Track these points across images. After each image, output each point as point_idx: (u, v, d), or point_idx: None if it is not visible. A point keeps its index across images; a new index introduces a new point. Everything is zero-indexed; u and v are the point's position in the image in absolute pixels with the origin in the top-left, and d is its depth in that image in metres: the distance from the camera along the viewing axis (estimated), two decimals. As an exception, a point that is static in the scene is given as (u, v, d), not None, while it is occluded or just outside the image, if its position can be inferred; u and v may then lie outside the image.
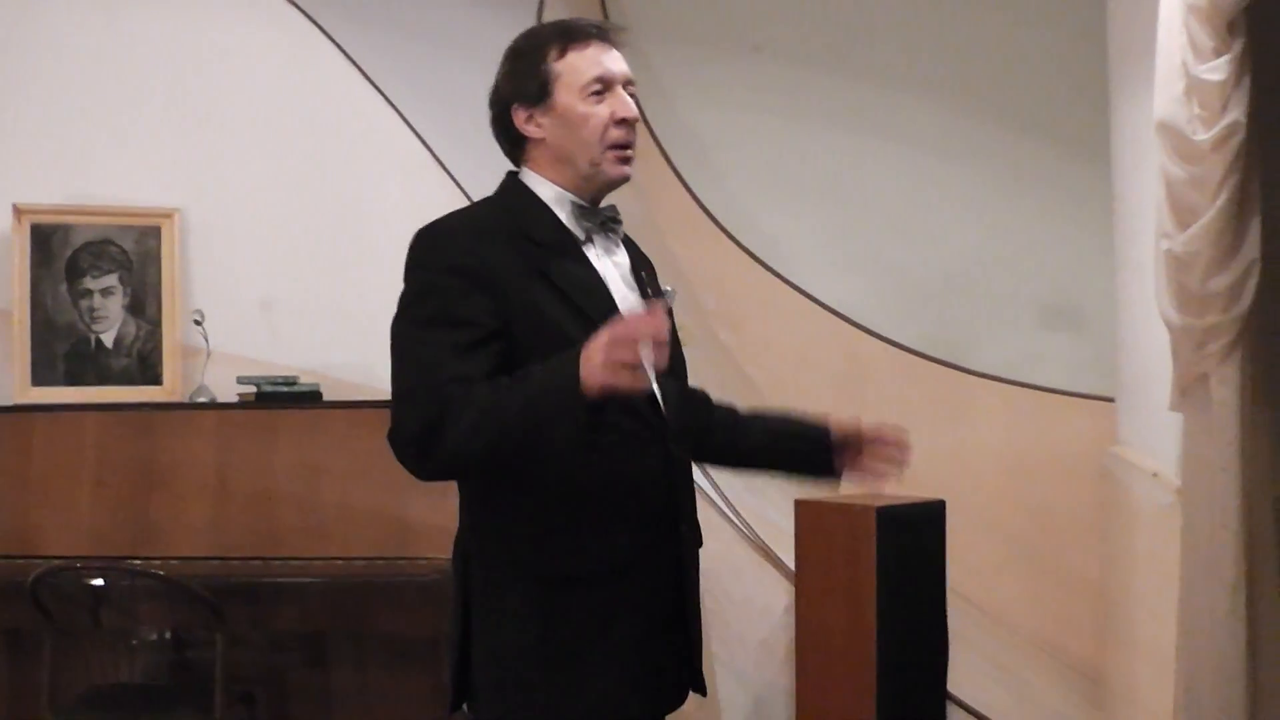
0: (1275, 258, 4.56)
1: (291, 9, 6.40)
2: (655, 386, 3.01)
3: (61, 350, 5.97)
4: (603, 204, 3.16)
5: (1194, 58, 4.45)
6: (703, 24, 7.10)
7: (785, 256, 7.06)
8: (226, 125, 6.30)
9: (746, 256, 7.04)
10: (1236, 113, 4.37)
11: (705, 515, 6.00)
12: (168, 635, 5.63)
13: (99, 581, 5.01)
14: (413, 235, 3.02)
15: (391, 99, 6.45)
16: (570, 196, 3.10)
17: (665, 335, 2.73)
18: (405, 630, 5.55)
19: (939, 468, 6.61)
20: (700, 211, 7.07)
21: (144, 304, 6.05)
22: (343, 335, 6.24)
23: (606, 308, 3.00)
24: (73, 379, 5.97)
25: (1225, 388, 4.47)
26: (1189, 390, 4.61)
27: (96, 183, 6.09)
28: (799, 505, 5.83)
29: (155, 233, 6.07)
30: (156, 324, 6.06)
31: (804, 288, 7.02)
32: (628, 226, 3.27)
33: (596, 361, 2.72)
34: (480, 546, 3.05)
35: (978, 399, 6.91)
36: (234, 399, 6.00)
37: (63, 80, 6.12)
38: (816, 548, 5.77)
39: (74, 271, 5.99)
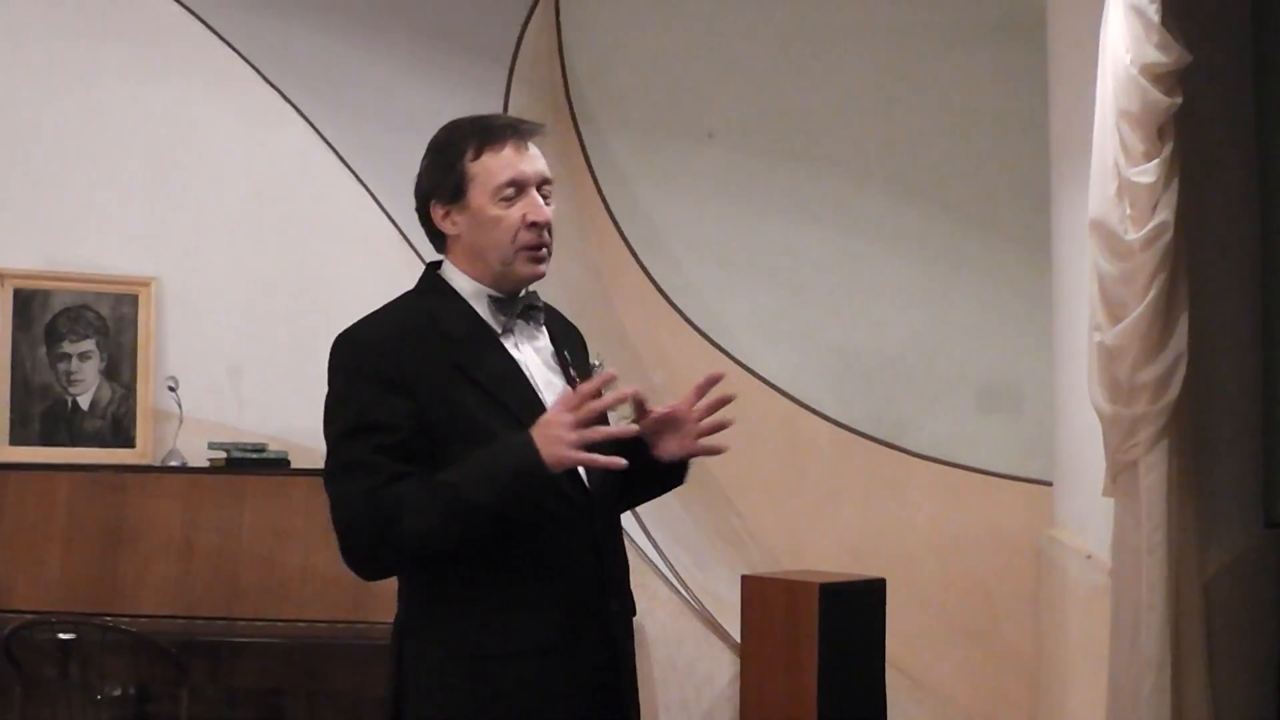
0: (1202, 351, 4.77)
1: (266, 86, 6.55)
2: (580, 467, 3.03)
3: (38, 410, 6.09)
4: (522, 294, 3.17)
5: (1125, 160, 4.65)
6: (659, 112, 7.28)
7: (733, 335, 7.21)
8: (202, 197, 6.43)
9: (695, 334, 7.18)
10: (1165, 213, 4.58)
11: (653, 587, 6.26)
12: (132, 690, 5.74)
13: (70, 636, 5.14)
14: (332, 341, 3.09)
15: (360, 176, 6.59)
16: (487, 290, 3.13)
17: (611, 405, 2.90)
18: (359, 689, 5.66)
19: (878, 544, 6.79)
20: (653, 290, 7.21)
21: (119, 368, 6.17)
22: (309, 403, 6.25)
23: (525, 396, 3.05)
24: (48, 439, 6.09)
25: (1153, 475, 4.65)
26: (1119, 476, 4.78)
27: (77, 250, 6.23)
28: (745, 580, 5.96)
29: (132, 300, 6.20)
30: (131, 388, 6.18)
31: (749, 365, 7.16)
32: (587, 305, 3.38)
33: (566, 438, 2.84)
34: (416, 625, 3.07)
35: (917, 478, 7.05)
36: (204, 463, 6.13)
37: (46, 150, 6.26)
38: (761, 621, 5.88)
39: (53, 335, 6.11)
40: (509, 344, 3.12)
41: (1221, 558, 4.89)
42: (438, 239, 3.19)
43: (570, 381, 3.13)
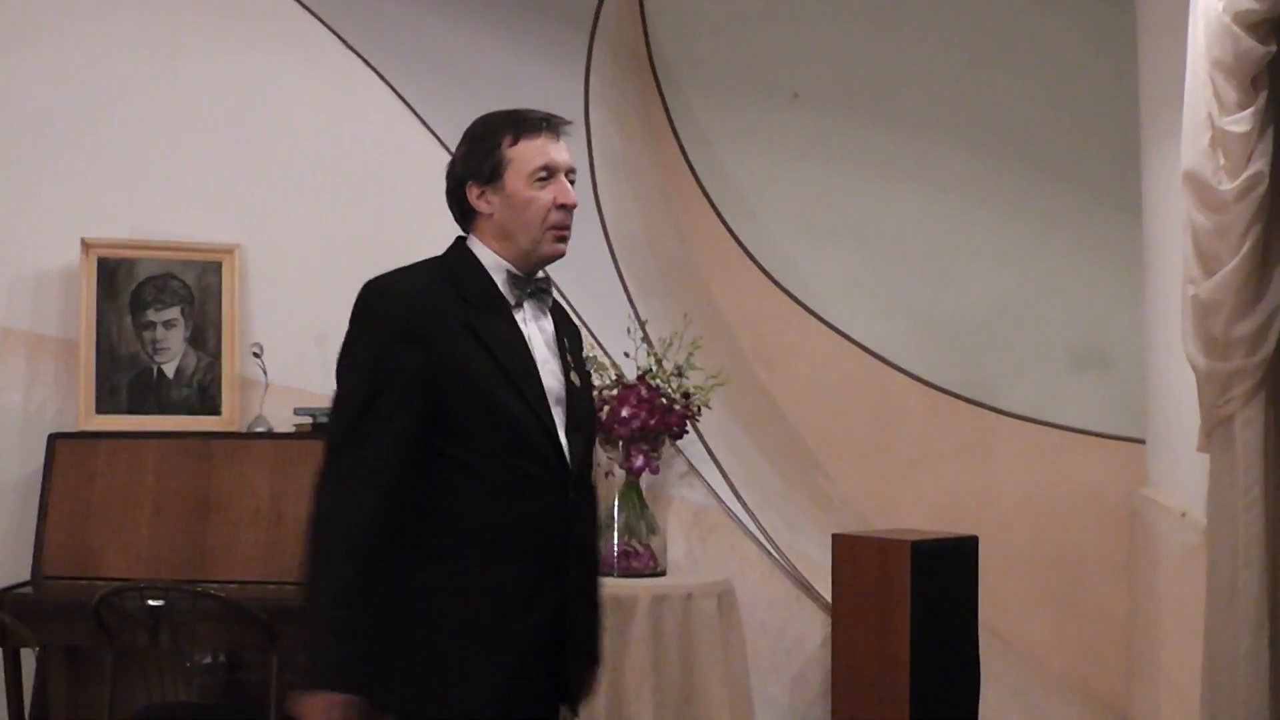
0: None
1: (347, 52, 6.54)
2: (563, 438, 3.39)
3: (125, 380, 6.10)
4: (538, 276, 3.49)
5: (1219, 110, 4.56)
6: (743, 73, 7.23)
7: (820, 297, 7.18)
8: (285, 164, 6.43)
9: (783, 296, 7.16)
10: (1260, 164, 4.48)
11: (743, 549, 6.24)
12: (222, 657, 5.78)
13: (160, 602, 5.16)
14: (361, 286, 3.40)
15: (443, 140, 6.54)
16: (507, 266, 3.44)
17: None
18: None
19: (968, 505, 6.75)
20: (739, 253, 7.19)
21: (205, 336, 6.18)
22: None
23: (524, 364, 3.38)
24: (135, 408, 6.10)
25: (1249, 430, 4.57)
26: (1215, 432, 4.71)
27: (160, 219, 6.24)
28: (836, 539, 5.94)
29: (216, 268, 6.22)
30: (216, 356, 6.19)
31: (838, 326, 7.14)
32: (673, 269, 3.50)
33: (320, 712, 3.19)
34: (400, 562, 3.30)
35: (1006, 438, 7.02)
36: (290, 429, 6.15)
37: (129, 120, 6.26)
38: (852, 581, 5.85)
39: (138, 304, 6.13)
40: (519, 318, 3.43)
41: (1319, 514, 4.81)
42: (466, 218, 3.50)
43: (565, 365, 3.47)
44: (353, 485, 3.24)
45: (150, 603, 5.18)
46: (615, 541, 5.95)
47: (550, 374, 3.43)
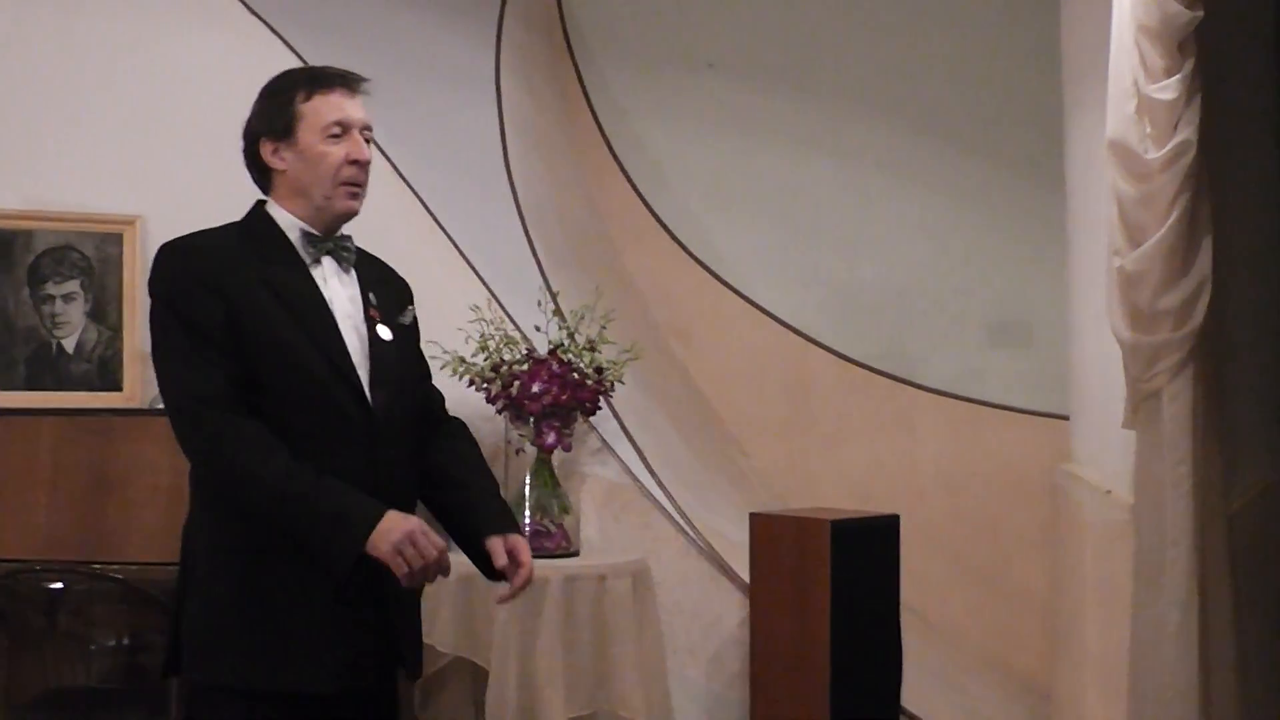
0: (1226, 275, 4.65)
1: (252, 17, 6.36)
2: (366, 388, 3.38)
3: (22, 355, 5.91)
4: (337, 234, 3.49)
5: (1145, 77, 4.53)
6: (658, 42, 7.16)
7: (735, 269, 7.11)
8: (187, 133, 6.26)
9: (698, 268, 7.09)
10: (1187, 132, 4.48)
11: (658, 528, 6.15)
12: (126, 640, 5.64)
13: (58, 585, 5.03)
14: (157, 249, 3.43)
15: (350, 109, 6.44)
16: (302, 225, 3.45)
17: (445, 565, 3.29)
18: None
19: (887, 481, 6.73)
20: (654, 225, 7.11)
21: (105, 310, 6.00)
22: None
23: (322, 319, 3.37)
24: (33, 383, 5.92)
25: (1176, 404, 4.55)
26: (1141, 407, 4.68)
27: (58, 189, 6.04)
28: (754, 518, 5.85)
29: (117, 239, 6.04)
30: (118, 330, 6.02)
31: (754, 299, 7.08)
32: (587, 240, 3.42)
33: (397, 544, 3.20)
34: (201, 523, 3.39)
35: (925, 413, 6.98)
36: (192, 405, 5.98)
37: (22, 84, 6.09)
38: (770, 560, 5.77)
39: (36, 277, 5.96)
40: (317, 275, 3.43)
41: (1248, 490, 4.81)
42: (264, 178, 3.53)
43: (369, 321, 3.45)
44: (219, 416, 3.24)
45: (47, 585, 5.05)
46: (527, 520, 5.83)
47: (351, 330, 3.42)
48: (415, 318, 3.65)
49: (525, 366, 5.84)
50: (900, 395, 6.98)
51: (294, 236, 3.45)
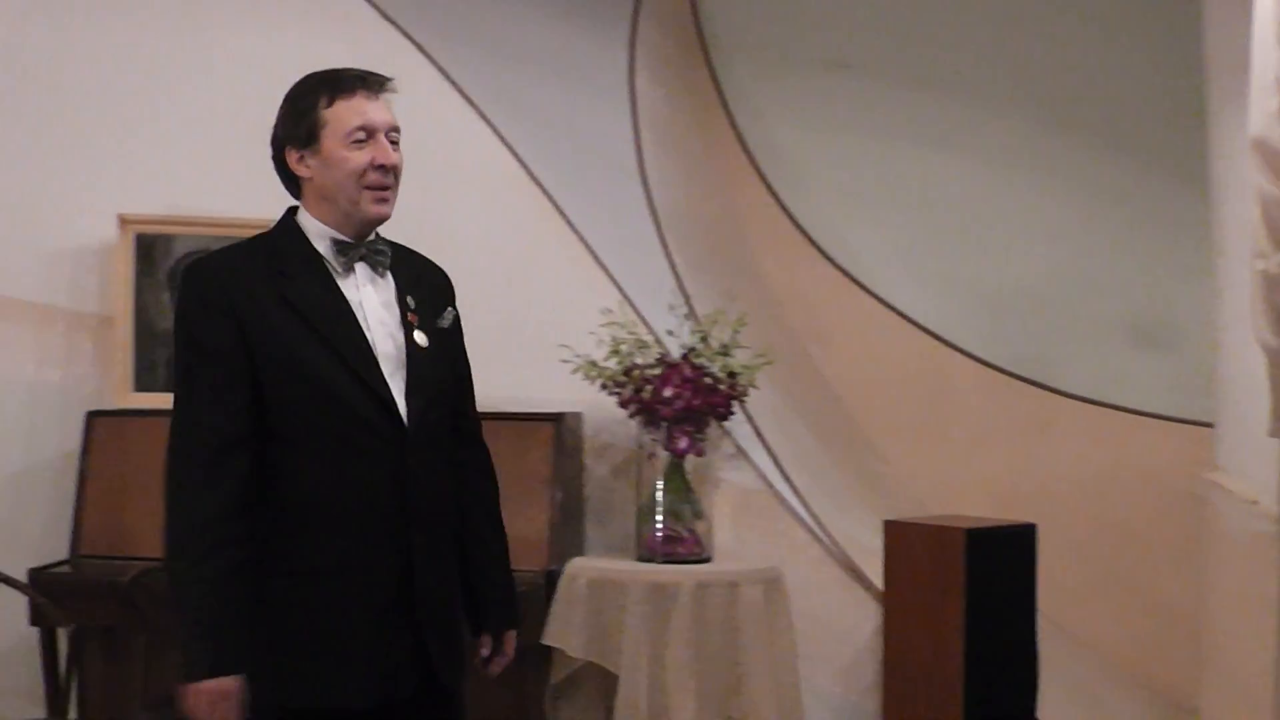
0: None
1: (386, 24, 6.44)
2: (401, 397, 3.35)
3: (162, 358, 6.04)
4: (369, 239, 3.44)
5: (1288, 73, 4.40)
6: (792, 43, 7.09)
7: (871, 272, 7.02)
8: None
9: (835, 271, 7.01)
10: (1333, 129, 4.33)
11: (792, 535, 6.09)
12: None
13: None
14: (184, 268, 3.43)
15: (485, 114, 6.46)
16: (332, 233, 3.39)
17: None
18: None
19: (1026, 488, 6.62)
20: (789, 226, 7.04)
21: (240, 314, 6.10)
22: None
23: (347, 330, 3.33)
24: (171, 385, 6.00)
25: (1324, 413, 4.42)
26: (1288, 416, 4.55)
27: (198, 194, 6.17)
28: (888, 526, 5.80)
29: (251, 243, 6.14)
30: (250, 335, 6.12)
31: (891, 302, 6.99)
32: (721, 241, 3.36)
33: (197, 705, 3.18)
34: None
35: (1065, 419, 6.85)
36: (326, 410, 6.03)
37: (165, 96, 6.21)
38: (905, 568, 5.73)
39: (175, 281, 6.04)
40: (349, 284, 3.39)
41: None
42: (293, 185, 3.46)
43: (406, 327, 3.40)
44: (194, 472, 3.24)
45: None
46: (659, 525, 5.81)
47: (386, 337, 3.38)
48: (456, 316, 3.59)
49: (657, 370, 5.81)
50: (1039, 400, 6.86)
51: (323, 246, 3.40)
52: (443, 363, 3.47)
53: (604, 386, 5.81)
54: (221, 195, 6.16)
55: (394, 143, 3.41)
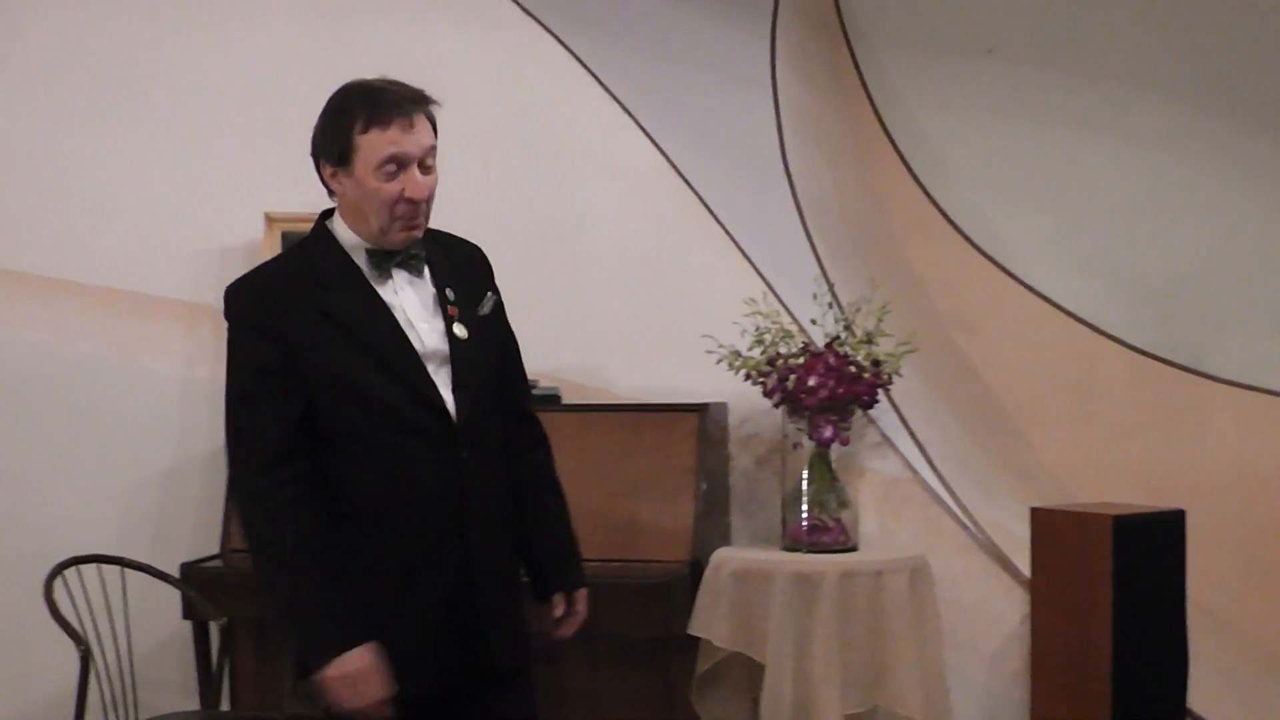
0: None
1: (524, 16, 6.49)
2: (450, 393, 3.42)
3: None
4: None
5: None
6: (934, 29, 7.03)
7: (1017, 258, 6.94)
8: (461, 131, 6.36)
9: (980, 257, 6.94)
10: None
11: (939, 523, 6.07)
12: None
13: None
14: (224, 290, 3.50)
15: (624, 104, 6.49)
16: (365, 245, 3.45)
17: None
18: (633, 631, 5.62)
19: (1176, 475, 6.53)
20: (934, 213, 6.98)
21: (385, 311, 6.17)
22: (578, 339, 6.33)
23: (388, 336, 3.40)
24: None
25: None
26: None
27: (337, 191, 6.25)
28: (1035, 513, 5.77)
29: (398, 239, 6.21)
30: (409, 327, 6.20)
31: (1038, 288, 6.92)
32: (866, 229, 3.36)
33: (337, 690, 3.29)
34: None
35: (1217, 405, 6.74)
36: (473, 402, 6.09)
37: (308, 93, 6.21)
38: (1051, 556, 5.69)
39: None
40: (387, 289, 3.45)
41: None
42: (330, 192, 3.52)
43: (446, 319, 3.47)
44: (257, 480, 3.33)
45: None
46: (804, 514, 5.81)
47: (430, 334, 3.45)
48: (497, 299, 3.66)
49: (801, 360, 5.81)
50: (1190, 386, 6.75)
51: (359, 257, 3.46)
52: (486, 351, 3.54)
53: (748, 377, 5.83)
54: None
55: (428, 167, 3.46)
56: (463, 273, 3.61)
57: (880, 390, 5.87)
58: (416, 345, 3.41)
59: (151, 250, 6.32)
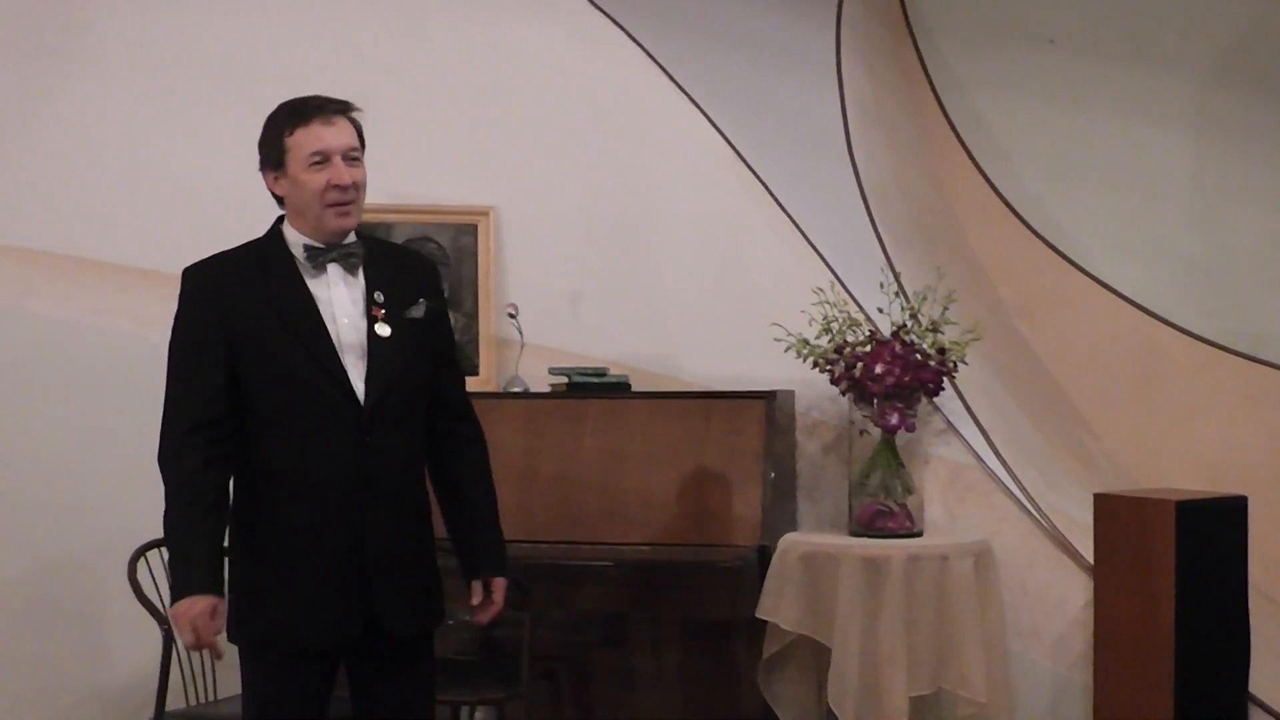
0: None
1: (594, 11, 6.56)
2: (361, 382, 3.83)
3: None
4: (344, 243, 3.91)
5: None
6: (997, 18, 7.08)
7: (1080, 246, 6.99)
8: (534, 124, 6.48)
9: (1042, 246, 6.99)
10: None
11: (1002, 508, 6.11)
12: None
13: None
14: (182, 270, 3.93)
15: (692, 95, 6.54)
16: (306, 240, 3.89)
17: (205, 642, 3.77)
18: (702, 615, 5.72)
19: (1239, 462, 6.55)
20: (997, 201, 7.03)
21: (461, 298, 6.25)
22: (648, 326, 6.40)
23: (313, 326, 3.83)
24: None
25: None
26: None
27: (417, 183, 6.34)
28: (1098, 499, 5.78)
29: (471, 230, 6.29)
30: (473, 317, 6.27)
31: (1099, 277, 6.95)
32: (929, 217, 3.42)
33: (177, 625, 3.76)
34: (233, 512, 3.88)
35: (1277, 391, 6.75)
36: (546, 389, 6.20)
37: (382, 87, 6.32)
38: (1115, 542, 5.69)
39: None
40: (319, 283, 3.88)
41: None
42: (278, 199, 3.95)
43: (369, 319, 3.88)
44: (172, 443, 3.77)
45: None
46: (871, 501, 5.88)
47: (350, 329, 3.84)
48: (434, 307, 4.02)
49: (868, 348, 5.86)
50: (1252, 373, 6.76)
51: (299, 253, 3.88)
52: (407, 351, 3.92)
53: (815, 364, 5.88)
54: (438, 182, 6.39)
55: (353, 160, 3.89)
56: (403, 280, 3.99)
57: (945, 378, 5.92)
58: (334, 336, 3.83)
59: (227, 239, 6.36)
